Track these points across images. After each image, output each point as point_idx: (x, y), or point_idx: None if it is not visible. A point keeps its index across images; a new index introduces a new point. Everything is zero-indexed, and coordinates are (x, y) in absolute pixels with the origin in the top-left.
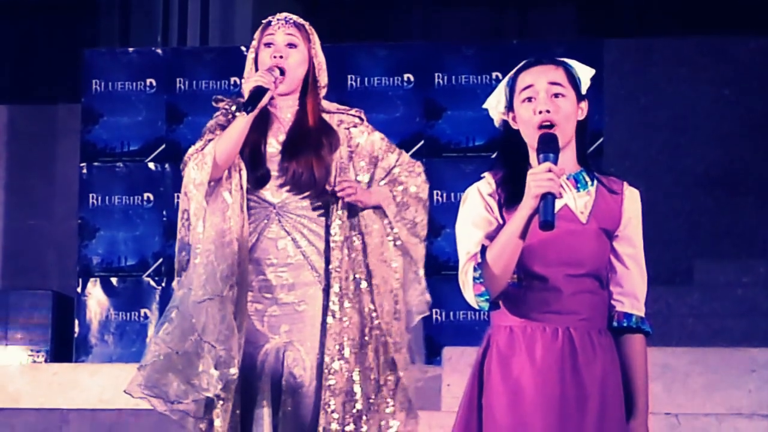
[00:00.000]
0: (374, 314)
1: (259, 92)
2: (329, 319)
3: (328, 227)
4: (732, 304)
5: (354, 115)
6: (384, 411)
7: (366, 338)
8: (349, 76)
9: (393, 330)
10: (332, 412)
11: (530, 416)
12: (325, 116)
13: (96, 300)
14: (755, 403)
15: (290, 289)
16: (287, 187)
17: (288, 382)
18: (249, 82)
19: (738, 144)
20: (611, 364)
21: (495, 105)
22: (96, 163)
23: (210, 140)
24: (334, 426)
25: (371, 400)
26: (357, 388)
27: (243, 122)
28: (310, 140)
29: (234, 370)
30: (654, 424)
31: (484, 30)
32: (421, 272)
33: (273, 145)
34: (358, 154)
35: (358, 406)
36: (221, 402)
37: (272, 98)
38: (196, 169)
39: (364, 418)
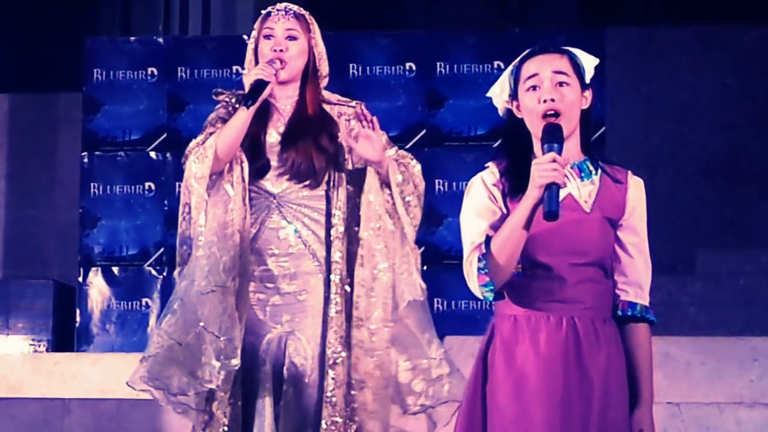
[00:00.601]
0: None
1: (259, 85)
2: (331, 311)
3: (329, 216)
4: (734, 294)
5: (354, 107)
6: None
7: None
8: (350, 65)
9: (373, 316)
10: (335, 404)
11: (533, 405)
12: (326, 107)
13: (97, 289)
14: (757, 393)
15: (292, 278)
16: (287, 177)
17: (290, 372)
18: (249, 75)
19: (740, 133)
20: (615, 354)
21: (499, 93)
22: (97, 152)
23: (211, 134)
24: (338, 419)
25: (376, 391)
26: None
27: (244, 116)
28: (310, 130)
29: (236, 361)
30: (655, 414)
31: (485, 19)
32: (413, 259)
33: (273, 136)
34: None
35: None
36: (222, 394)
37: (272, 89)
38: (197, 162)
39: (368, 409)
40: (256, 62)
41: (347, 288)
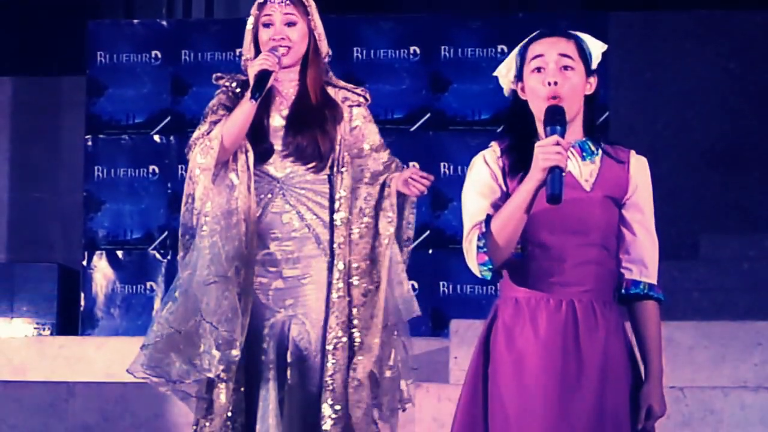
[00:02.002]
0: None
1: (264, 76)
2: (333, 296)
3: (332, 200)
4: (737, 278)
5: (359, 95)
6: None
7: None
8: (354, 49)
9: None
10: (334, 389)
11: (533, 387)
12: (331, 90)
13: (102, 273)
14: (761, 377)
15: (295, 262)
16: (291, 160)
17: (293, 356)
18: (253, 66)
19: (744, 118)
20: (615, 337)
21: (505, 73)
22: (101, 136)
23: (213, 122)
24: (338, 406)
25: (377, 377)
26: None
27: (249, 107)
28: (314, 114)
29: (236, 352)
30: None
31: (489, 3)
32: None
33: (276, 120)
34: (355, 137)
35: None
36: (223, 382)
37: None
38: (202, 154)
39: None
40: (256, 49)
41: (351, 275)
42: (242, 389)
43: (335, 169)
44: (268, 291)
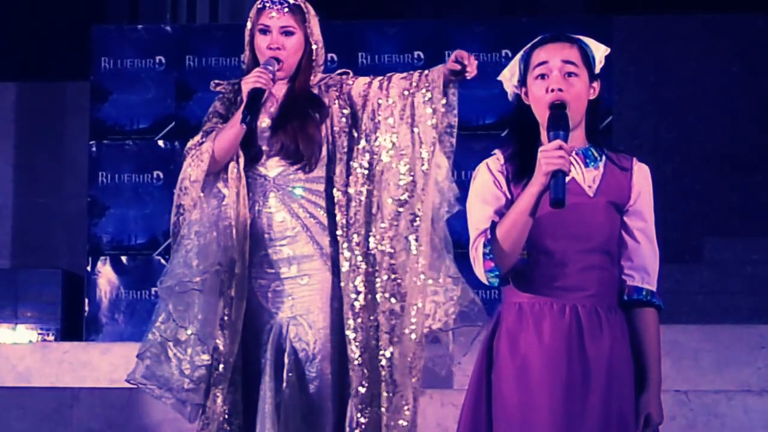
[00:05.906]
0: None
1: (257, 96)
2: (343, 268)
3: (329, 197)
4: (741, 282)
5: (340, 73)
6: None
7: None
8: (359, 54)
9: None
10: (363, 372)
11: (537, 392)
12: (314, 90)
13: (106, 278)
14: (765, 380)
15: (290, 262)
16: (278, 159)
17: (291, 358)
18: (247, 83)
19: (747, 122)
20: (619, 342)
21: (509, 78)
22: (105, 141)
23: (206, 131)
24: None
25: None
26: (385, 358)
27: (240, 129)
28: (297, 113)
29: (206, 356)
30: (663, 402)
31: (493, 7)
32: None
33: (265, 121)
34: (355, 90)
35: (385, 377)
36: (216, 387)
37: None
38: (193, 165)
39: (391, 394)
40: (252, 56)
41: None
42: (240, 391)
43: (330, 158)
44: (267, 293)
